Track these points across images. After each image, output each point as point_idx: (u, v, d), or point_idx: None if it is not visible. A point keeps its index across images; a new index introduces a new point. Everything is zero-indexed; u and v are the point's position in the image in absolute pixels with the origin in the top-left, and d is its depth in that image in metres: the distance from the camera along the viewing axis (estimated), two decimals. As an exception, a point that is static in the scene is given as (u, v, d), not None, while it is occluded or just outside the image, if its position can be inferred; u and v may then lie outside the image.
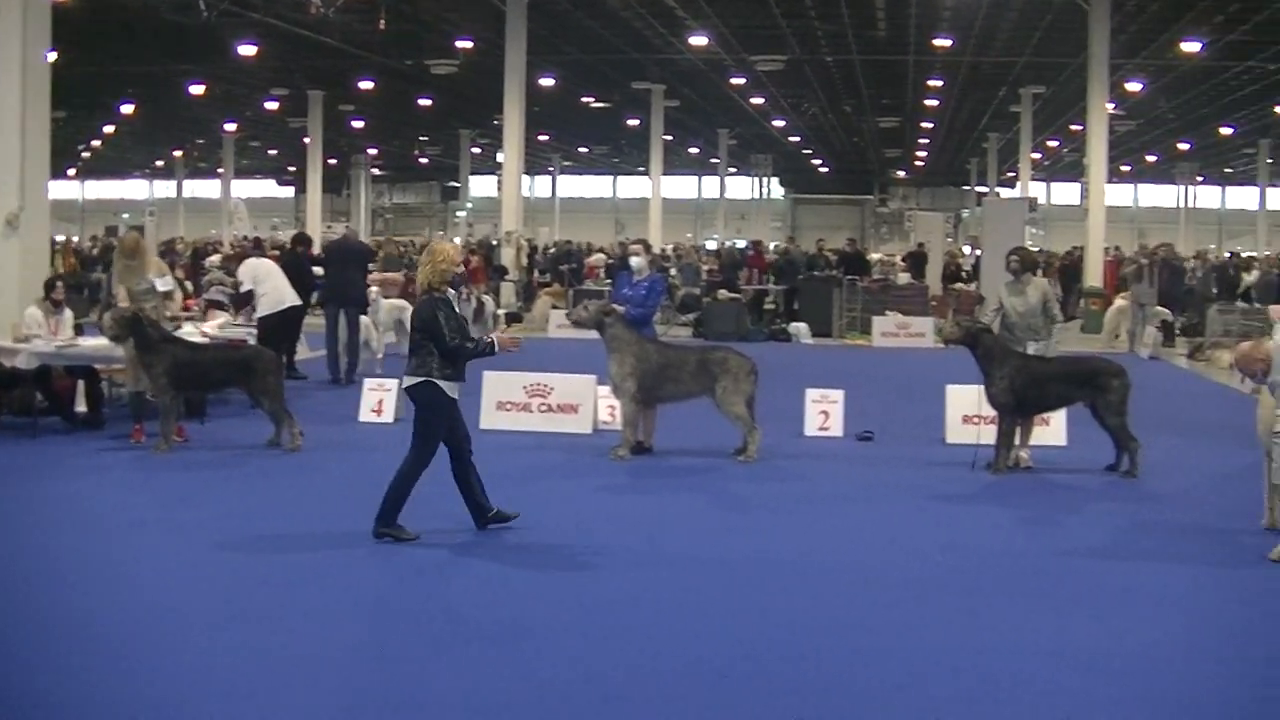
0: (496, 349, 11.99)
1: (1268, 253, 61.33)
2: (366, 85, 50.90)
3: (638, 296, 16.74)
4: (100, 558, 11.04)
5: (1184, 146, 75.46)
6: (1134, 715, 7.87)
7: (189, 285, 29.20)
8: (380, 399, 18.96)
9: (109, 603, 9.73)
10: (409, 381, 11.76)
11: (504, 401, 18.38)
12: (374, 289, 27.13)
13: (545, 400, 18.32)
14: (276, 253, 27.27)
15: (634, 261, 17.39)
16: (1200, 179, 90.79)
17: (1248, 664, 8.83)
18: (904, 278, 42.37)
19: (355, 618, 9.47)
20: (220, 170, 75.18)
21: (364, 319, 24.34)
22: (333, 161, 69.31)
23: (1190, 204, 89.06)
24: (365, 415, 18.84)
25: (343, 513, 12.65)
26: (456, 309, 11.82)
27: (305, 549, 11.49)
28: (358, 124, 65.44)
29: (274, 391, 16.47)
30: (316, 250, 28.11)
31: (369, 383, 19.54)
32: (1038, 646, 9.04)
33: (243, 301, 20.93)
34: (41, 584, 10.18)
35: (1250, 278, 38.65)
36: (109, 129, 70.23)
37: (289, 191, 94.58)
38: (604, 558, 11.33)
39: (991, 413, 16.06)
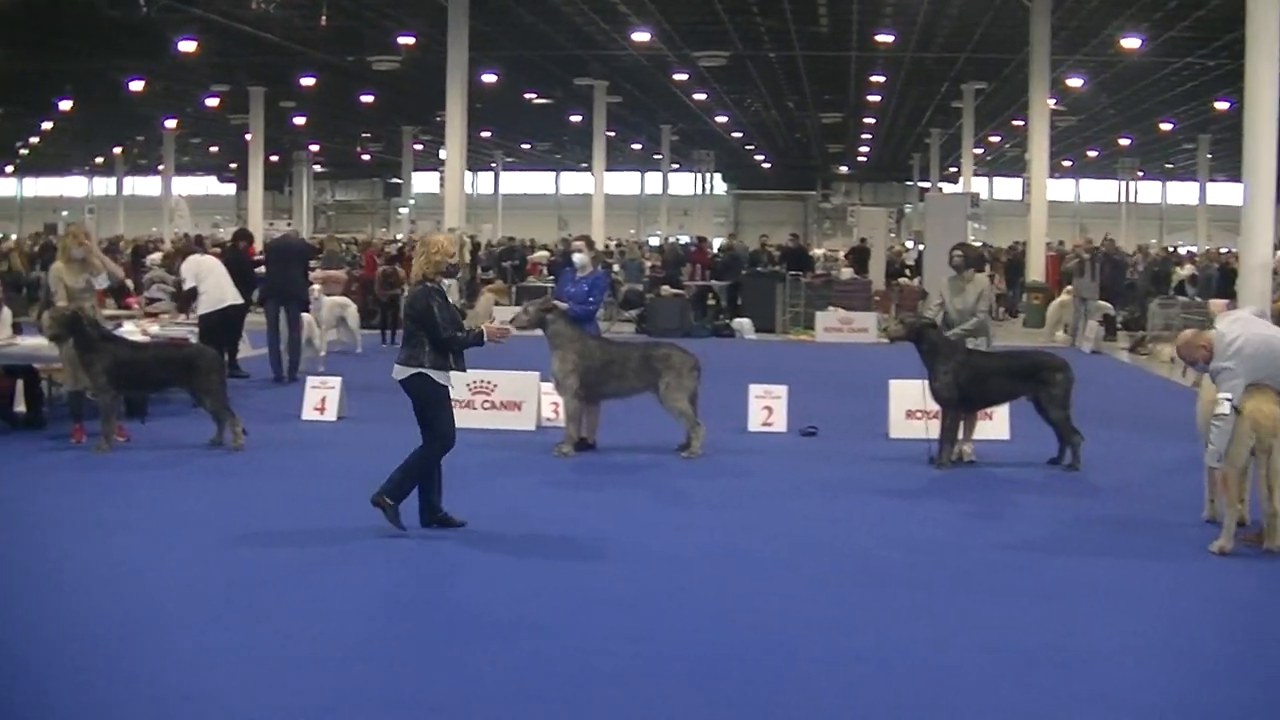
0: (486, 339, 12.04)
1: (1208, 247, 61.81)
2: (308, 81, 50.70)
3: (580, 293, 16.71)
4: (51, 560, 10.92)
5: (1125, 142, 75.92)
6: (1083, 709, 7.88)
7: (130, 284, 29.05)
8: (323, 397, 18.87)
9: (69, 605, 9.64)
10: (401, 373, 11.86)
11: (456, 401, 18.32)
12: (316, 287, 27.05)
13: (489, 397, 18.29)
14: (218, 250, 27.10)
15: (577, 258, 17.36)
16: (1141, 174, 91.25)
17: (1193, 657, 8.89)
18: (847, 273, 42.48)
19: (316, 614, 9.42)
20: (161, 167, 74.71)
21: (306, 317, 24.25)
22: (274, 158, 68.96)
23: (1131, 199, 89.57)
24: (309, 413, 18.75)
25: (292, 511, 12.63)
26: (451, 300, 11.77)
27: (260, 546, 11.44)
28: (299, 120, 65.17)
29: (216, 390, 16.32)
30: (258, 248, 27.94)
31: (312, 380, 19.46)
32: (985, 641, 9.07)
33: (186, 299, 20.80)
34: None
35: (1184, 272, 38.86)
36: (48, 126, 69.67)
37: (230, 189, 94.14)
38: (548, 554, 11.31)
39: (935, 408, 16.12)
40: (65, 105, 58.37)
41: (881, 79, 54.00)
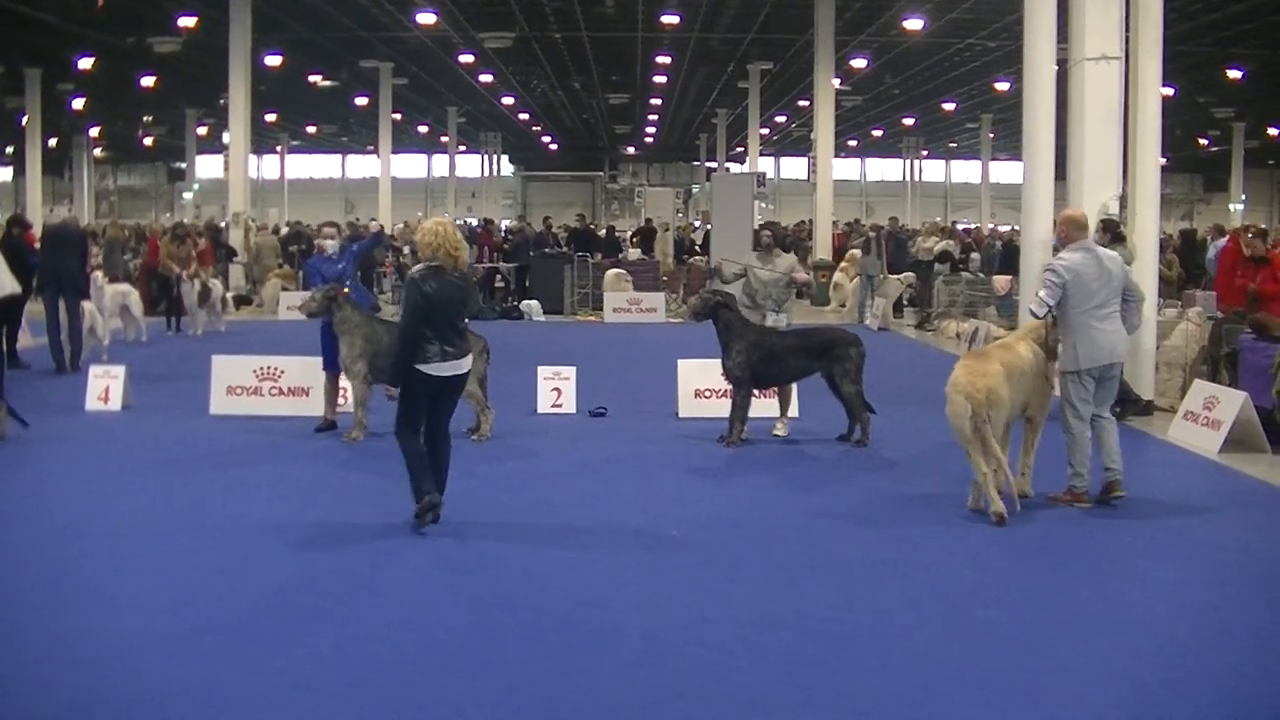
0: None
1: (987, 225, 62.96)
2: (86, 63, 49.63)
3: (338, 272, 16.79)
4: None
5: (909, 121, 77.13)
6: (868, 681, 7.99)
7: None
8: (107, 386, 18.54)
9: None
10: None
11: (234, 386, 18.14)
12: (98, 274, 26.57)
13: (276, 384, 18.11)
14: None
15: (328, 245, 17.43)
16: (925, 153, 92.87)
17: (975, 624, 9.05)
18: (634, 254, 42.63)
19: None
20: (-69, 152, 72.92)
21: (88, 305, 23.80)
22: (53, 142, 67.49)
23: (917, 178, 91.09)
24: (92, 404, 18.42)
25: (69, 504, 12.41)
26: (426, 288, 11.33)
27: (40, 540, 11.21)
28: (78, 103, 63.85)
29: None
30: (37, 234, 27.36)
31: (94, 369, 19.11)
32: (773, 616, 9.16)
33: (-40, 288, 20.27)
34: None
35: (927, 244, 39.39)
36: None
37: (7, 173, 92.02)
38: (329, 535, 11.28)
39: (725, 386, 16.25)
40: None
41: (668, 60, 54.25)
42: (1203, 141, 79.00)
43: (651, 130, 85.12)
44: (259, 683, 7.88)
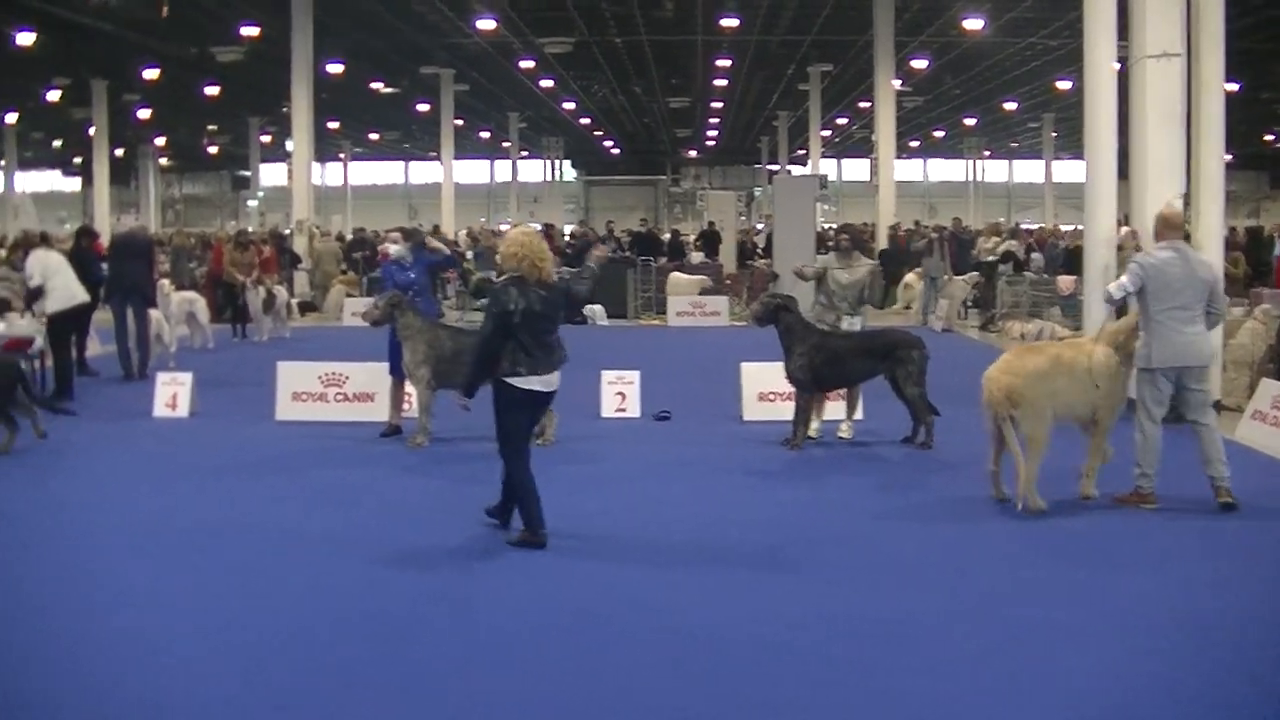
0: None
1: (1047, 225, 62.61)
2: (151, 74, 49.97)
3: (411, 280, 16.85)
4: None
5: (970, 122, 76.72)
6: (917, 682, 8.00)
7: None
8: (174, 393, 18.70)
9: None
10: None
11: (299, 392, 18.23)
12: (165, 282, 26.77)
13: (341, 390, 18.20)
14: (65, 247, 26.72)
15: (394, 250, 17.50)
16: (988, 153, 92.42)
17: (1029, 625, 9.04)
18: (697, 257, 42.61)
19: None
20: (2, 163, 73.40)
21: (155, 313, 23.98)
22: (120, 152, 67.93)
23: (979, 178, 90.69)
24: (160, 410, 18.58)
25: (139, 508, 12.51)
26: (514, 297, 11.03)
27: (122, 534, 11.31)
28: (144, 113, 64.26)
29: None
30: (104, 243, 27.58)
31: (162, 377, 19.27)
32: (829, 616, 9.20)
33: (32, 297, 20.45)
34: None
35: (987, 245, 39.21)
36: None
37: (76, 183, 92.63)
38: (397, 543, 11.30)
39: (789, 389, 16.24)
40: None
41: (728, 63, 54.17)
42: (1269, 138, 78.40)
43: (713, 134, 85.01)
44: (332, 696, 7.93)
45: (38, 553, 11.13)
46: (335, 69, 47.27)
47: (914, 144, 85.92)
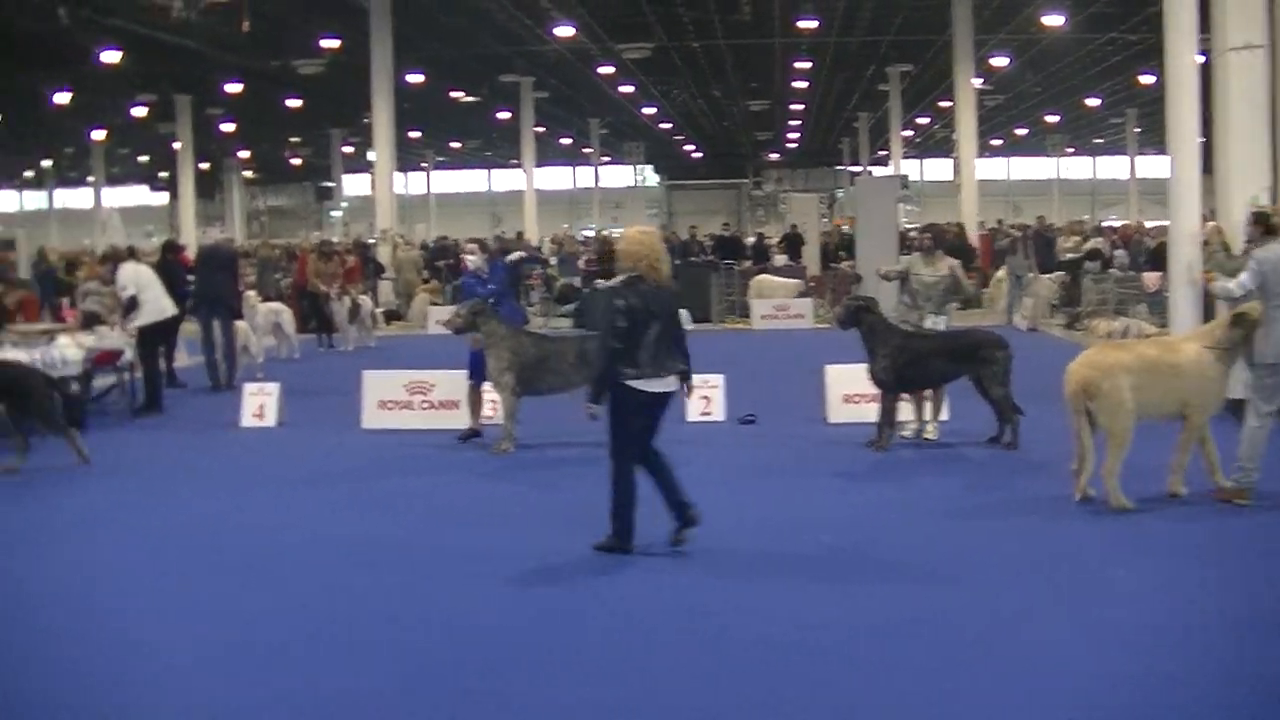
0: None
1: (1140, 221, 62.11)
2: (234, 88, 50.40)
3: (497, 291, 17.01)
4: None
5: (1053, 119, 76.20)
6: (1001, 683, 8.00)
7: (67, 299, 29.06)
8: (261, 403, 18.86)
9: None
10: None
11: (385, 400, 18.35)
12: (251, 293, 26.98)
13: (426, 398, 18.28)
14: (151, 260, 26.99)
15: (471, 261, 17.60)
16: (1071, 150, 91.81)
17: (1111, 625, 8.99)
18: (781, 260, 42.55)
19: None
20: (90, 179, 74.14)
21: (241, 324, 24.21)
22: (205, 166, 68.52)
23: (1062, 176, 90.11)
24: (247, 420, 18.74)
25: (232, 520, 12.62)
26: (623, 300, 10.87)
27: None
28: (227, 127, 64.77)
29: (48, 411, 15.84)
30: (190, 256, 27.82)
31: (249, 387, 19.46)
32: (912, 619, 9.19)
33: (127, 308, 20.65)
34: None
35: (1067, 243, 38.98)
36: (-27, 142, 69.15)
37: (163, 198, 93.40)
38: (469, 557, 11.33)
39: (874, 391, 16.21)
40: (-10, 120, 58.09)
41: (807, 65, 54.07)
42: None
43: (793, 136, 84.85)
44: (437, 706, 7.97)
45: (123, 563, 11.27)
46: (415, 79, 47.50)
47: (996, 142, 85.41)
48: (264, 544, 11.79)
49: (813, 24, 43.17)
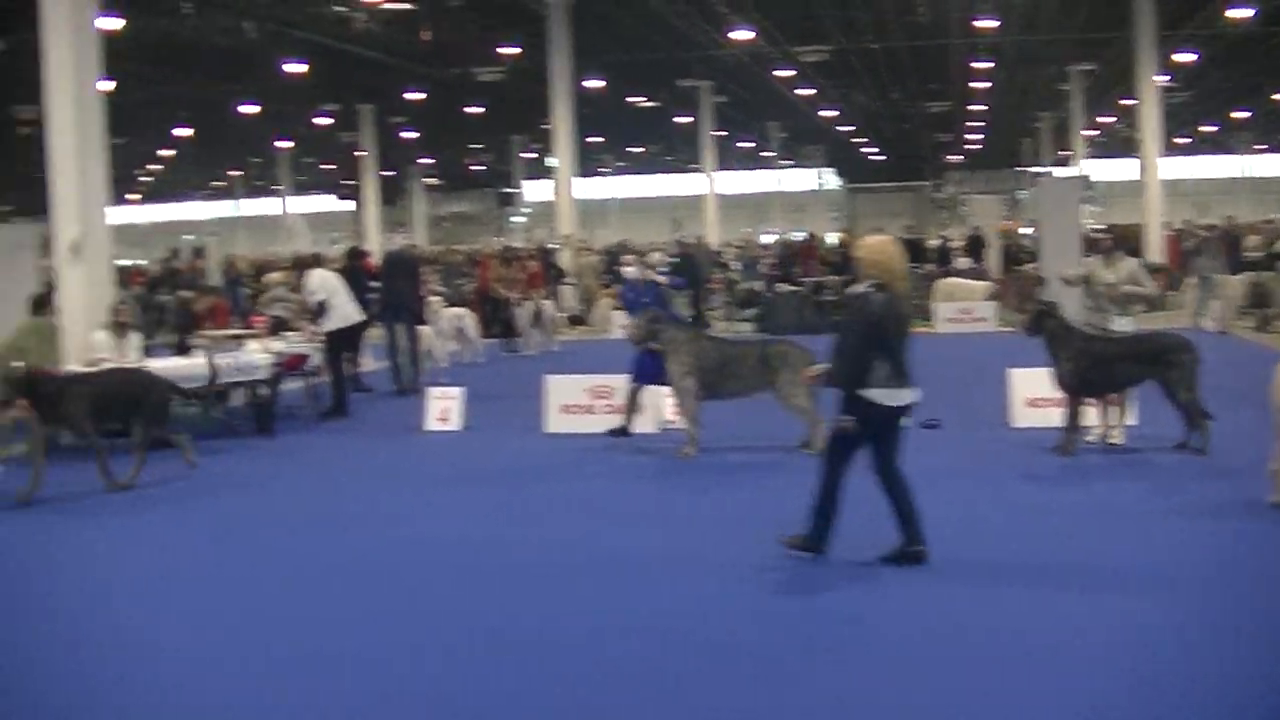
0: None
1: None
2: (415, 96, 51.06)
3: (651, 306, 17.24)
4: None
5: (1240, 115, 74.81)
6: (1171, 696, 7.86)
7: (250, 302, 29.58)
8: (445, 407, 19.06)
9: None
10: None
11: (568, 404, 18.44)
12: (434, 299, 27.29)
13: (609, 402, 18.34)
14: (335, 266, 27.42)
15: (629, 272, 17.72)
16: (1260, 147, 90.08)
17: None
18: (964, 263, 42.21)
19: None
20: (277, 187, 75.58)
21: (425, 329, 24.52)
22: (389, 173, 69.46)
23: (1252, 173, 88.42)
24: (432, 424, 18.96)
25: (422, 528, 12.80)
26: (874, 308, 10.61)
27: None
28: (409, 135, 65.64)
29: (161, 417, 15.91)
30: (374, 262, 28.22)
31: (434, 391, 19.69)
32: (1080, 629, 9.05)
33: (316, 313, 21.00)
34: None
35: (1249, 243, 38.26)
36: (166, 152, 70.66)
37: (349, 205, 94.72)
38: (641, 561, 11.34)
39: (1058, 395, 16.03)
40: (182, 132, 59.36)
41: (986, 65, 53.57)
42: None
43: (973, 137, 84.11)
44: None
45: (316, 564, 11.49)
46: (595, 84, 47.71)
47: (1182, 140, 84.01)
48: (454, 546, 11.93)
49: (992, 24, 42.79)
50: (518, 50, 43.10)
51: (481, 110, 57.50)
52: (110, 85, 21.13)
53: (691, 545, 11.70)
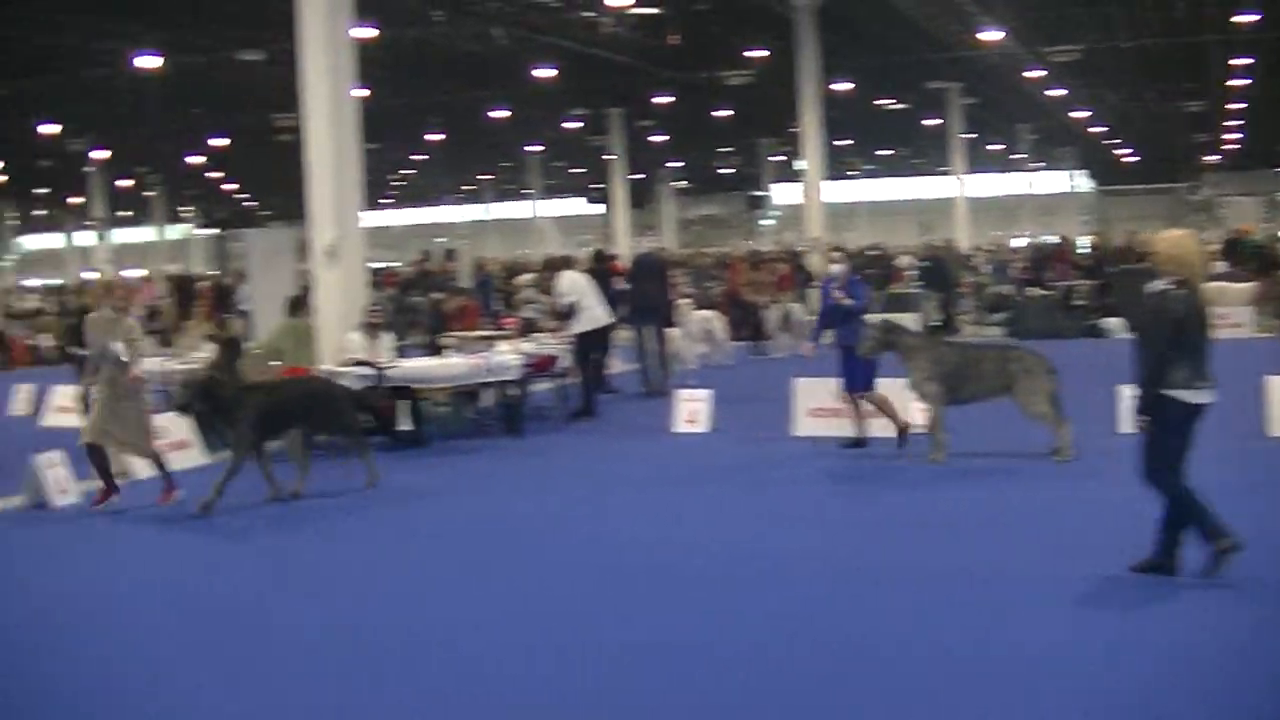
0: None
1: None
2: (663, 100, 51.37)
3: (856, 309, 17.32)
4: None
5: None
6: None
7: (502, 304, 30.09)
8: (694, 409, 19.18)
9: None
10: None
11: (816, 408, 18.40)
12: (683, 301, 27.47)
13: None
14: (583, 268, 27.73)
15: (836, 269, 17.61)
16: None
17: None
18: (1220, 266, 41.30)
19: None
20: (527, 191, 76.49)
21: (674, 331, 24.69)
22: (638, 176, 69.91)
23: None
24: (680, 425, 19.09)
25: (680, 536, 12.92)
26: (1174, 305, 10.32)
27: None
28: (658, 139, 66.00)
29: (350, 425, 15.96)
30: (622, 265, 28.47)
31: (682, 393, 19.82)
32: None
33: (566, 315, 21.28)
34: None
35: None
36: (419, 158, 71.96)
37: (599, 208, 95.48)
38: (885, 570, 11.30)
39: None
40: (434, 137, 60.44)
41: (1245, 61, 52.27)
42: None
43: (1231, 137, 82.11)
44: None
45: (567, 565, 11.66)
46: (842, 87, 47.56)
47: None
48: (709, 549, 12.02)
49: (1253, 18, 41.76)
50: (765, 53, 43.20)
51: (730, 113, 57.62)
52: (364, 93, 21.70)
53: (987, 556, 11.47)
